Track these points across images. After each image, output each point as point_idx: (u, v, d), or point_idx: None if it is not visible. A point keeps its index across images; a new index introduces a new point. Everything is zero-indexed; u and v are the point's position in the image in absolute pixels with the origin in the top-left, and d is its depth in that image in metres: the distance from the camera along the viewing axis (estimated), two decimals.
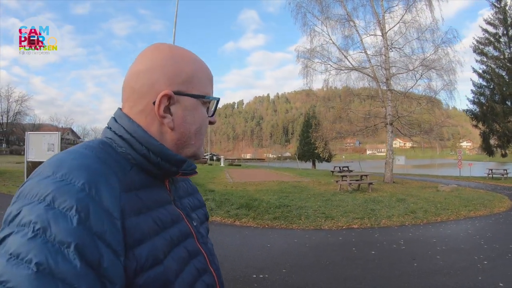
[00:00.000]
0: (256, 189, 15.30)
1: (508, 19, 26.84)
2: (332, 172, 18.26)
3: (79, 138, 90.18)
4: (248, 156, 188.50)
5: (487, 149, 29.25)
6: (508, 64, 26.46)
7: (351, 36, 20.68)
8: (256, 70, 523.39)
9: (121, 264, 0.63)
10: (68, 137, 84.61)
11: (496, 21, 27.58)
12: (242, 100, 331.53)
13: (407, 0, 19.61)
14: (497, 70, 27.32)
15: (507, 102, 26.57)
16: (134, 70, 0.81)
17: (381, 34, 20.08)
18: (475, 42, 28.63)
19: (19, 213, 0.60)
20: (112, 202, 0.65)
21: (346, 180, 15.66)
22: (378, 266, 5.67)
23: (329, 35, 20.69)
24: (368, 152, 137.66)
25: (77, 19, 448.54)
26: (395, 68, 20.75)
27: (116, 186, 0.68)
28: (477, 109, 28.30)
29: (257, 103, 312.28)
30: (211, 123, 0.91)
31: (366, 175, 16.83)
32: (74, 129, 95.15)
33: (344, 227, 8.67)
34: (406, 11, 19.53)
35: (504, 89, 25.96)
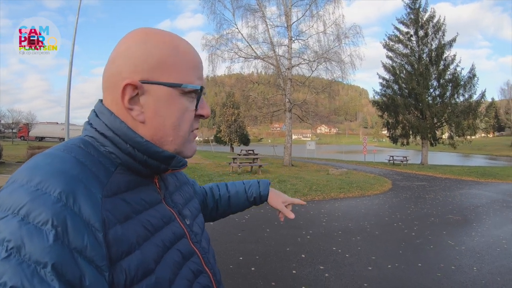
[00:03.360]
0: None
1: (420, 20, 29.05)
2: (239, 155, 19.04)
3: None
4: None
5: (391, 138, 31.94)
6: (415, 62, 28.87)
7: (258, 26, 21.34)
8: None
9: (105, 280, 0.58)
10: None
11: (409, 21, 29.70)
12: None
13: None
14: (406, 66, 29.54)
15: (409, 97, 29.08)
16: (112, 56, 0.74)
17: (286, 26, 20.94)
18: (386, 39, 30.92)
19: None
20: (92, 212, 0.60)
21: (236, 163, 17.47)
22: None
23: (235, 24, 21.20)
24: (293, 136, 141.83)
25: None
26: (298, 59, 22.16)
27: (97, 192, 0.63)
28: (384, 101, 30.60)
29: None
30: (201, 116, 0.82)
31: (257, 158, 18.58)
32: None
33: None
34: (310, 5, 20.56)
35: (407, 84, 28.47)
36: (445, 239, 6.95)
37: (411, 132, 29.63)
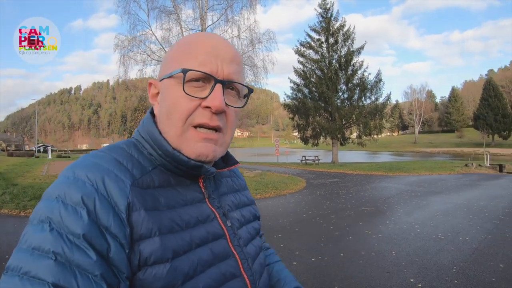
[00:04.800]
0: None
1: (331, 28, 30.58)
2: None
3: None
4: (85, 146, 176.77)
5: (302, 139, 33.07)
6: (325, 67, 30.30)
7: (172, 28, 20.72)
8: (103, 54, 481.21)
9: (125, 255, 0.65)
10: None
11: (320, 29, 31.12)
12: (80, 85, 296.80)
13: (230, 1, 20.59)
14: (316, 71, 30.81)
15: (319, 100, 30.41)
16: None
17: (200, 30, 20.66)
18: (298, 45, 31.98)
19: (38, 212, 0.65)
20: (119, 196, 0.67)
21: None
22: None
23: (149, 26, 20.39)
24: None
25: None
26: None
27: (126, 181, 0.70)
28: (295, 104, 31.57)
29: (95, 89, 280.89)
30: (208, 108, 0.75)
31: None
32: None
33: None
34: (226, 10, 20.53)
35: (317, 88, 29.73)
36: (362, 229, 7.11)
37: (321, 133, 30.92)
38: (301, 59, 31.62)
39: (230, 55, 0.78)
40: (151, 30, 20.39)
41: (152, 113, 0.83)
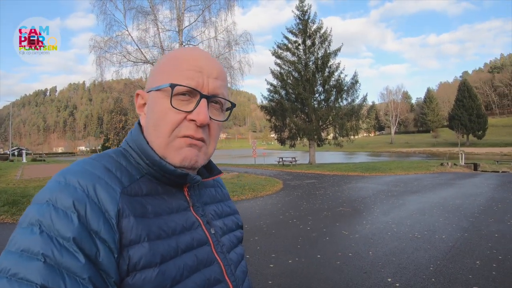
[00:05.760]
0: (38, 185, 14.00)
1: (308, 30, 30.72)
2: None
3: None
4: (60, 149, 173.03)
5: (279, 140, 32.99)
6: (301, 69, 30.39)
7: (149, 29, 20.39)
8: (80, 54, 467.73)
9: (114, 260, 0.65)
10: None
11: (297, 31, 31.21)
12: (56, 87, 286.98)
13: (208, 2, 20.39)
14: (293, 73, 30.91)
15: (296, 101, 30.47)
16: None
17: (177, 31, 20.39)
18: (275, 47, 31.94)
19: (28, 215, 0.66)
20: (109, 202, 0.68)
21: None
22: None
23: (126, 27, 19.98)
24: None
25: None
26: None
27: (116, 188, 0.71)
28: (272, 105, 31.53)
29: (71, 90, 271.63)
30: (193, 121, 0.77)
31: None
32: None
33: None
34: (203, 11, 20.33)
35: (294, 89, 29.83)
36: (339, 230, 7.05)
37: (298, 134, 30.95)
38: (278, 61, 31.52)
39: (216, 71, 0.81)
40: (127, 30, 19.97)
41: (139, 124, 0.85)
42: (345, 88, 30.09)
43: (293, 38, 31.52)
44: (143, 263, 0.68)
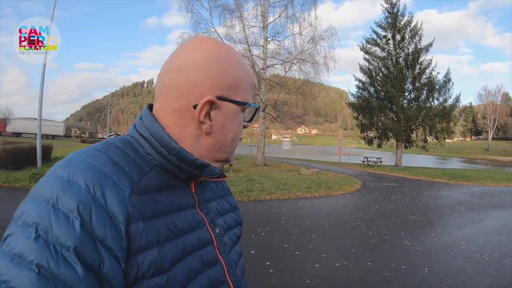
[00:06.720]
0: None
1: (397, 24, 29.21)
2: None
3: None
4: None
5: (366, 139, 32.05)
6: (391, 65, 29.08)
7: (235, 26, 21.18)
8: (174, 49, 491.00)
9: (121, 269, 0.62)
10: None
11: (387, 25, 29.87)
12: (152, 79, 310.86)
13: None
14: (382, 69, 29.71)
15: (384, 99, 29.27)
16: (177, 64, 0.76)
17: (262, 27, 20.78)
18: (364, 42, 30.92)
19: (24, 212, 0.61)
20: (118, 205, 0.63)
21: None
22: None
23: (212, 24, 20.95)
24: (274, 137, 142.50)
25: None
26: (273, 59, 22.10)
27: (125, 188, 0.66)
28: (360, 103, 30.63)
29: None
30: (244, 127, 0.85)
31: None
32: None
33: None
34: (287, 7, 20.51)
35: (383, 86, 28.71)
36: (402, 239, 6.79)
37: (385, 134, 29.77)
38: (366, 56, 30.51)
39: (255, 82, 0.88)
40: (213, 27, 20.97)
41: (149, 109, 0.81)
42: (437, 86, 28.14)
43: (382, 33, 30.21)
44: (153, 271, 0.65)
